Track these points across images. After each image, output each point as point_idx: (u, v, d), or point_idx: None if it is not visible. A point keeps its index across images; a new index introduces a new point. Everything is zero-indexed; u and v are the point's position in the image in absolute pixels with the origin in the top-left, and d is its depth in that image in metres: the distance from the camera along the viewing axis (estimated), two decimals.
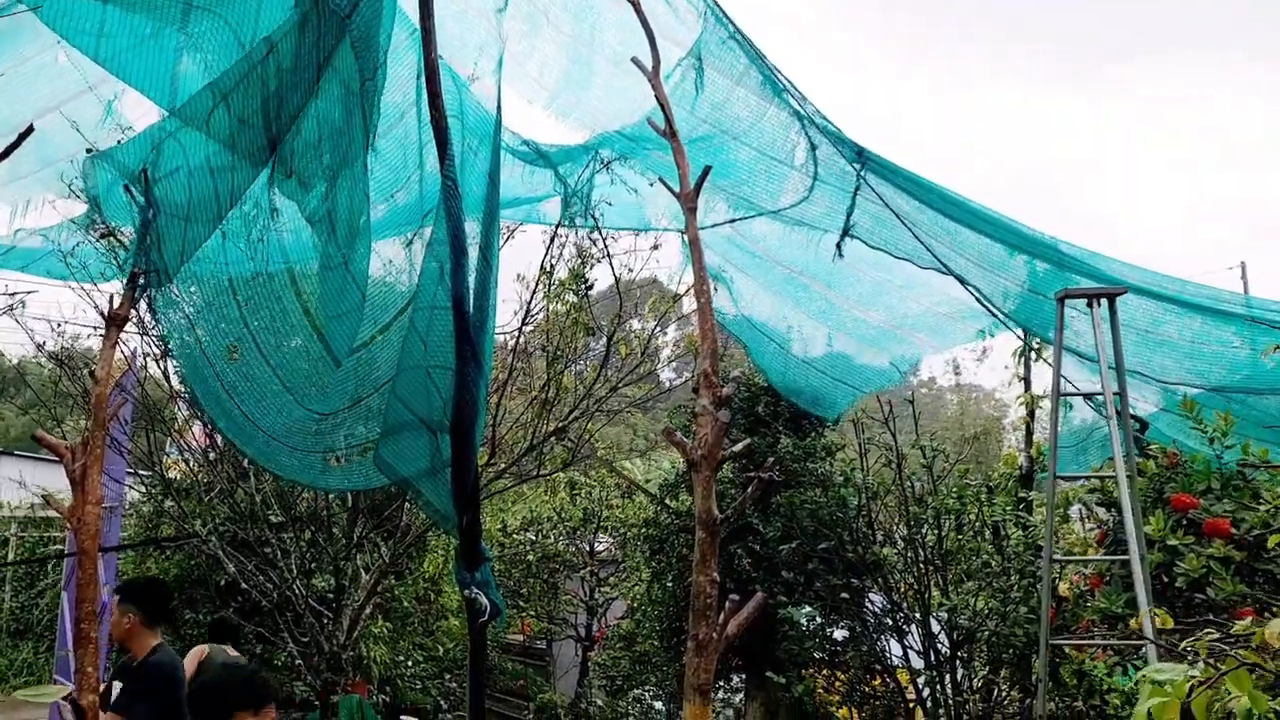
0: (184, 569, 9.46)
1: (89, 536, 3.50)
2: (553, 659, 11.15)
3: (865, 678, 6.24)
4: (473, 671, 4.72)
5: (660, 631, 7.06)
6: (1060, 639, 4.93)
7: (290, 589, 6.71)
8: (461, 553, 4.45)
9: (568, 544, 10.46)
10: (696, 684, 3.51)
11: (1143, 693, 1.58)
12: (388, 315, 4.93)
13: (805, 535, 6.00)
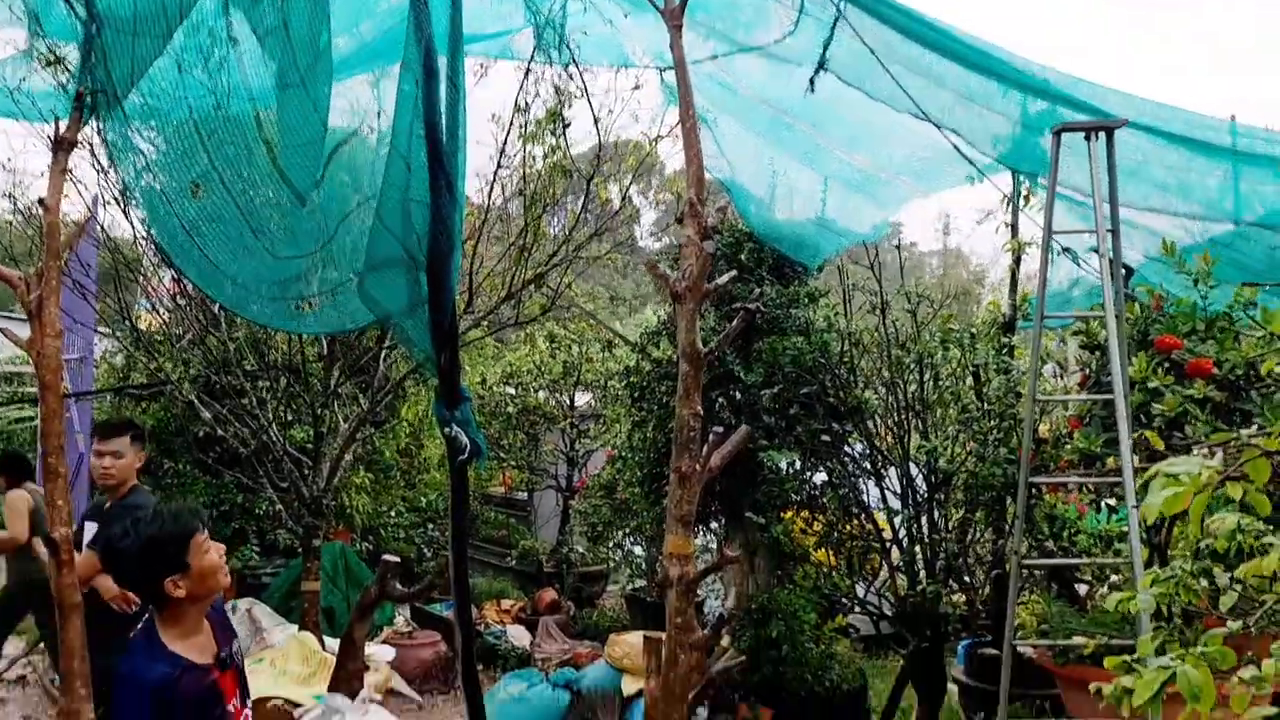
0: (161, 420, 9.39)
1: (50, 370, 3.38)
2: (534, 509, 11.32)
3: (843, 520, 6.33)
4: (454, 511, 4.72)
5: (640, 479, 7.10)
6: (1039, 478, 4.97)
7: (268, 435, 6.66)
8: (441, 391, 4.37)
9: (547, 397, 10.46)
10: (679, 515, 3.50)
11: (1155, 486, 1.51)
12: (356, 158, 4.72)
13: (787, 381, 5.97)
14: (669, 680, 3.42)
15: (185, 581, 2.65)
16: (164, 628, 2.68)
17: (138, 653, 2.64)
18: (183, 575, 2.64)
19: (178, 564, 2.64)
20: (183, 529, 2.70)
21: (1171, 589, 2.58)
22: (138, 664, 2.62)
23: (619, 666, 6.50)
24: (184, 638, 2.70)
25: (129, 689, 2.58)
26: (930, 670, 5.83)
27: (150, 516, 2.72)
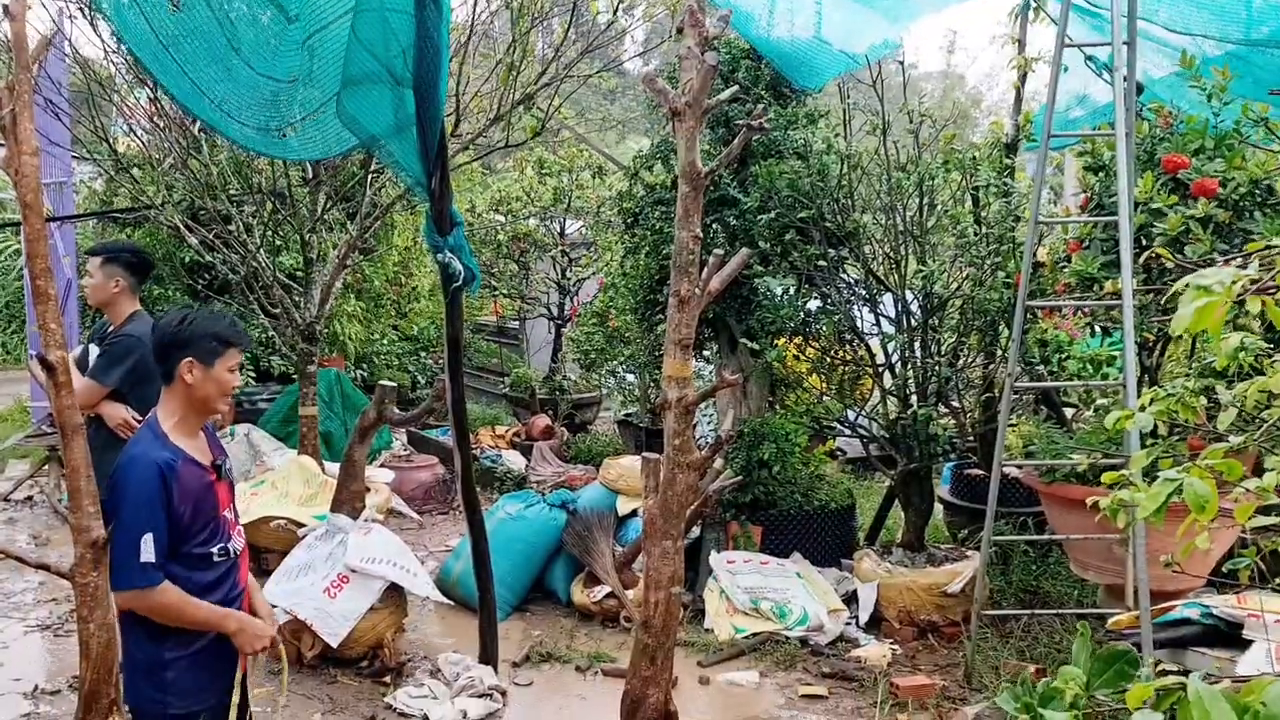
0: (146, 247, 9.27)
1: (29, 190, 3.25)
2: (525, 337, 11.36)
3: (835, 346, 6.36)
4: (449, 338, 4.70)
5: (634, 306, 7.08)
6: (1036, 301, 4.96)
7: (256, 262, 6.57)
8: (432, 216, 4.28)
9: (538, 225, 10.32)
10: (678, 339, 3.48)
11: (1185, 299, 1.48)
12: None
13: (783, 205, 5.86)
14: (667, 499, 3.48)
15: (199, 375, 2.74)
16: (166, 425, 2.77)
17: (144, 440, 2.74)
18: (203, 369, 2.74)
19: (206, 356, 2.74)
20: (230, 334, 2.81)
21: (1171, 406, 2.60)
22: (146, 447, 2.71)
23: (613, 488, 6.66)
24: (184, 437, 2.79)
25: (138, 466, 2.67)
26: (919, 489, 5.99)
27: (214, 312, 2.91)
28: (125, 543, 2.62)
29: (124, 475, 2.68)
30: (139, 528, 2.63)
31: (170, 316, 2.84)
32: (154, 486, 2.65)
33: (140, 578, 2.64)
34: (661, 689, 3.48)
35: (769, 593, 5.84)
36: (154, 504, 2.64)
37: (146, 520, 2.63)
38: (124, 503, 2.66)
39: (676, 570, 3.49)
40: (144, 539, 2.62)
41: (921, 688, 4.90)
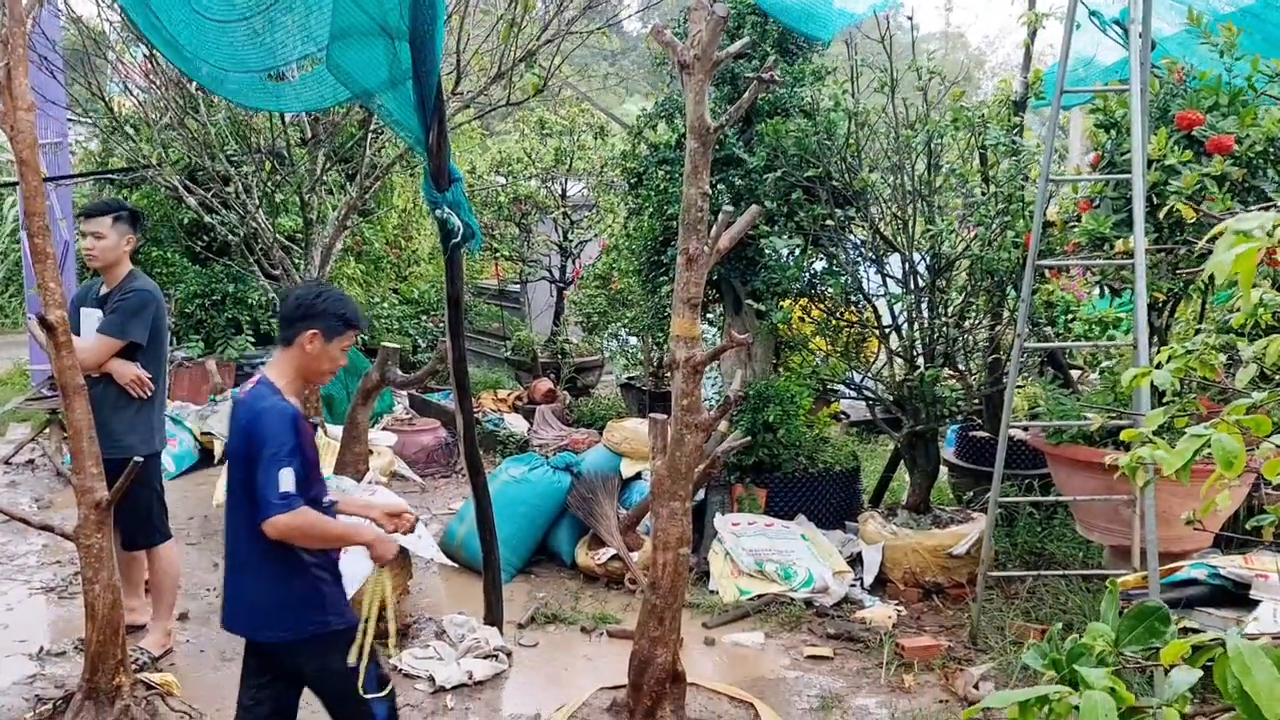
0: (146, 209, 9.18)
1: (26, 145, 3.20)
2: (527, 301, 11.30)
3: (842, 307, 6.31)
4: (450, 297, 4.65)
5: (637, 268, 7.02)
6: (1046, 261, 4.90)
7: (255, 222, 6.50)
8: (430, 172, 4.21)
9: (539, 187, 10.22)
10: (686, 297, 3.43)
11: (1221, 246, 1.43)
12: None
13: (790, 164, 5.78)
14: (675, 460, 3.45)
15: (318, 347, 3.04)
16: (279, 383, 3.04)
17: (268, 395, 2.99)
18: (322, 342, 3.04)
19: (330, 331, 3.05)
20: (353, 317, 3.14)
21: (1190, 363, 2.55)
22: (276, 400, 2.98)
23: (617, 451, 6.64)
24: (292, 396, 3.06)
25: (275, 413, 2.94)
26: (924, 451, 5.96)
27: (344, 295, 3.22)
28: (268, 479, 2.87)
29: (263, 420, 2.93)
30: (278, 464, 2.88)
31: (306, 288, 3.27)
32: (291, 429, 2.93)
33: (284, 506, 2.88)
34: (669, 649, 3.47)
35: (774, 555, 5.84)
36: (292, 445, 2.92)
37: (286, 458, 2.89)
38: (265, 443, 2.90)
39: (684, 531, 3.47)
40: (282, 473, 2.87)
41: (927, 649, 4.91)
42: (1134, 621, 1.31)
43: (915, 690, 4.62)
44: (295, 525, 2.91)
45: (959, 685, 4.57)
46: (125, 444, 4.35)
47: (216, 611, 5.37)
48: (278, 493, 2.86)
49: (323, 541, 3.08)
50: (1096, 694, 1.11)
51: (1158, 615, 1.30)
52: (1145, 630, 1.28)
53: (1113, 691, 1.12)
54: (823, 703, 4.50)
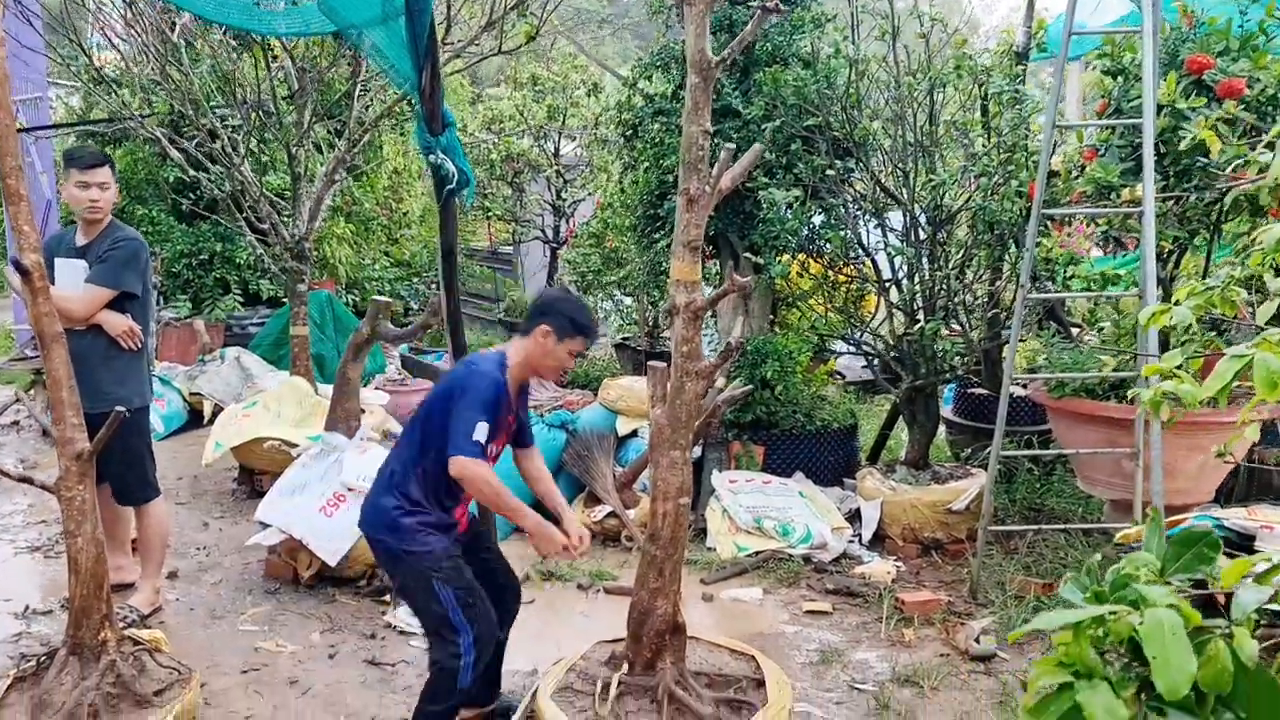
0: (129, 166, 9.00)
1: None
2: (520, 261, 11.16)
3: (841, 261, 6.21)
4: (444, 251, 4.52)
5: (632, 224, 6.89)
6: (1052, 210, 4.80)
7: (241, 175, 6.34)
8: (424, 116, 4.07)
9: (531, 145, 10.05)
10: (686, 240, 3.32)
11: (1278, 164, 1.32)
12: None
13: (789, 114, 5.65)
14: (675, 408, 3.35)
15: (550, 342, 3.33)
16: (511, 361, 3.34)
17: (493, 361, 3.30)
18: (554, 340, 3.32)
19: (561, 331, 3.33)
20: (585, 325, 3.42)
21: (1211, 300, 2.46)
22: (493, 368, 3.27)
23: (613, 408, 6.55)
24: (513, 380, 3.35)
25: (488, 378, 3.22)
26: (924, 407, 5.89)
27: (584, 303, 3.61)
28: (465, 425, 3.10)
29: (474, 379, 3.21)
30: (477, 416, 3.11)
31: (555, 290, 3.59)
32: (493, 395, 3.19)
33: (472, 449, 3.09)
34: (670, 601, 3.39)
35: (772, 511, 5.77)
36: (490, 405, 3.17)
37: (484, 413, 3.13)
38: (471, 394, 3.16)
39: (685, 481, 3.38)
40: (479, 424, 3.10)
41: (927, 603, 4.85)
42: (1181, 548, 1.23)
43: (915, 644, 4.57)
44: (478, 473, 3.10)
45: (960, 639, 4.52)
46: (117, 396, 4.24)
47: (207, 570, 5.32)
48: (470, 439, 3.07)
49: (494, 500, 3.23)
50: (1161, 611, 1.03)
51: (1207, 541, 1.21)
52: (1194, 557, 1.20)
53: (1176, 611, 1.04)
54: (822, 656, 4.45)
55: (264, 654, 4.38)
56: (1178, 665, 0.99)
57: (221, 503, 6.36)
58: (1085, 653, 1.05)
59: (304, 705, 3.97)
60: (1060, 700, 1.04)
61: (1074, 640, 1.07)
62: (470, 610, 3.28)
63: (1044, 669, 1.13)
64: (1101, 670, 1.05)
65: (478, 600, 3.32)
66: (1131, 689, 1.06)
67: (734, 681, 3.52)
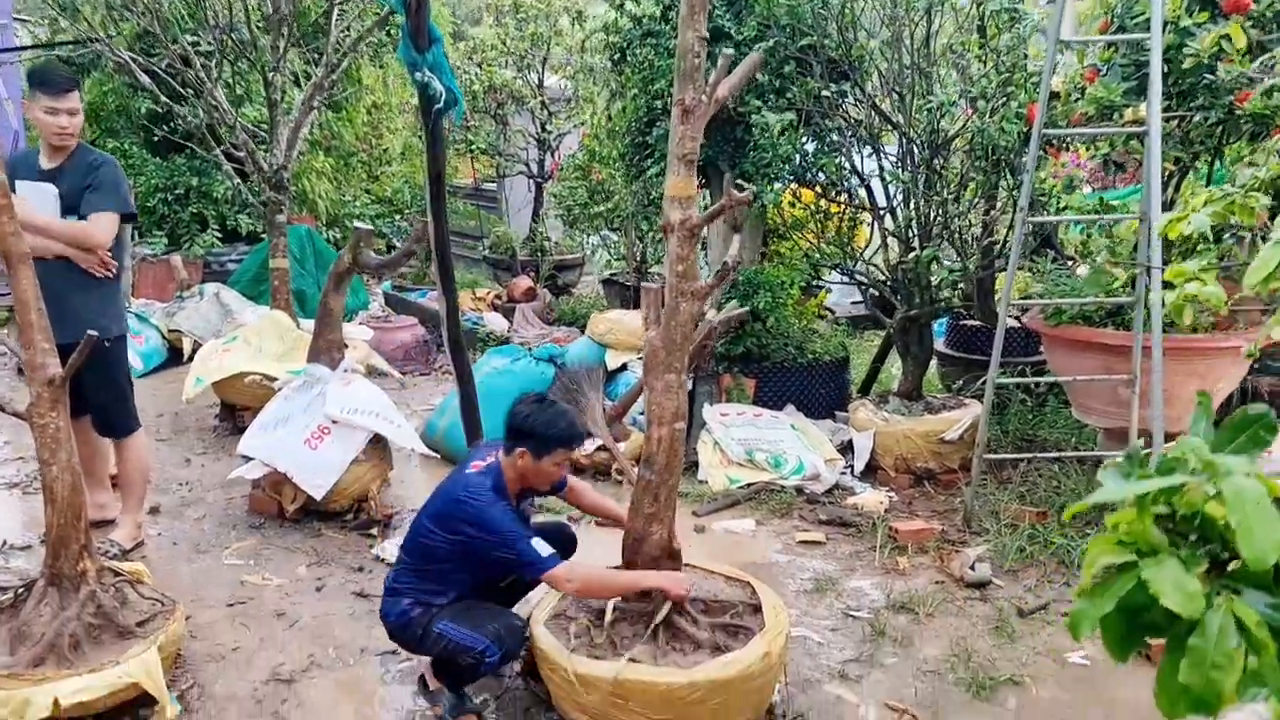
0: (99, 96, 8.72)
1: None
2: (504, 197, 10.95)
3: (835, 188, 6.08)
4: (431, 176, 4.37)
5: (621, 151, 6.72)
6: (1054, 130, 4.68)
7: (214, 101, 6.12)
8: (409, 31, 3.89)
9: (515, 76, 9.79)
10: (681, 154, 3.19)
11: None
12: None
13: (782, 34, 5.47)
14: (669, 330, 3.25)
15: (529, 462, 3.25)
16: (505, 479, 3.28)
17: (489, 491, 3.21)
18: (532, 459, 3.24)
19: (542, 452, 3.24)
20: (568, 439, 3.31)
21: (1228, 207, 2.37)
22: (493, 497, 3.20)
23: (602, 342, 6.45)
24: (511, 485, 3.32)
25: (493, 508, 3.16)
26: (918, 337, 5.80)
27: (561, 410, 3.35)
28: (528, 553, 3.12)
29: (488, 513, 3.17)
30: (525, 538, 3.13)
31: (522, 404, 3.31)
32: (512, 516, 3.21)
33: (555, 560, 3.12)
34: (665, 526, 3.31)
35: (763, 444, 5.71)
36: (518, 523, 3.21)
37: (526, 535, 3.16)
38: (499, 531, 3.14)
39: (680, 405, 3.29)
40: (534, 541, 3.13)
41: (920, 532, 4.82)
42: (1234, 432, 1.14)
43: (910, 572, 4.53)
44: (577, 574, 3.16)
45: (954, 566, 4.48)
46: (95, 325, 4.11)
47: (190, 505, 5.22)
48: (541, 557, 3.09)
49: (610, 590, 3.30)
50: (1241, 479, 0.94)
51: (1262, 422, 1.12)
52: (1248, 439, 1.11)
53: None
54: (816, 585, 4.41)
55: (250, 587, 4.31)
56: (1263, 534, 0.91)
57: (203, 439, 6.25)
58: (1149, 530, 0.96)
59: (291, 637, 3.90)
60: (1122, 581, 0.95)
61: (1137, 516, 0.98)
62: (479, 626, 3.21)
63: (1102, 548, 1.05)
64: (1167, 547, 0.97)
65: (483, 613, 3.27)
66: (1201, 566, 0.98)
67: (730, 607, 3.47)
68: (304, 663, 3.72)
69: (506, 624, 3.23)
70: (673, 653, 3.23)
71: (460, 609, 3.26)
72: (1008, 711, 3.45)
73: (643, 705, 3.03)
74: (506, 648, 3.21)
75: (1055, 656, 3.80)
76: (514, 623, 3.26)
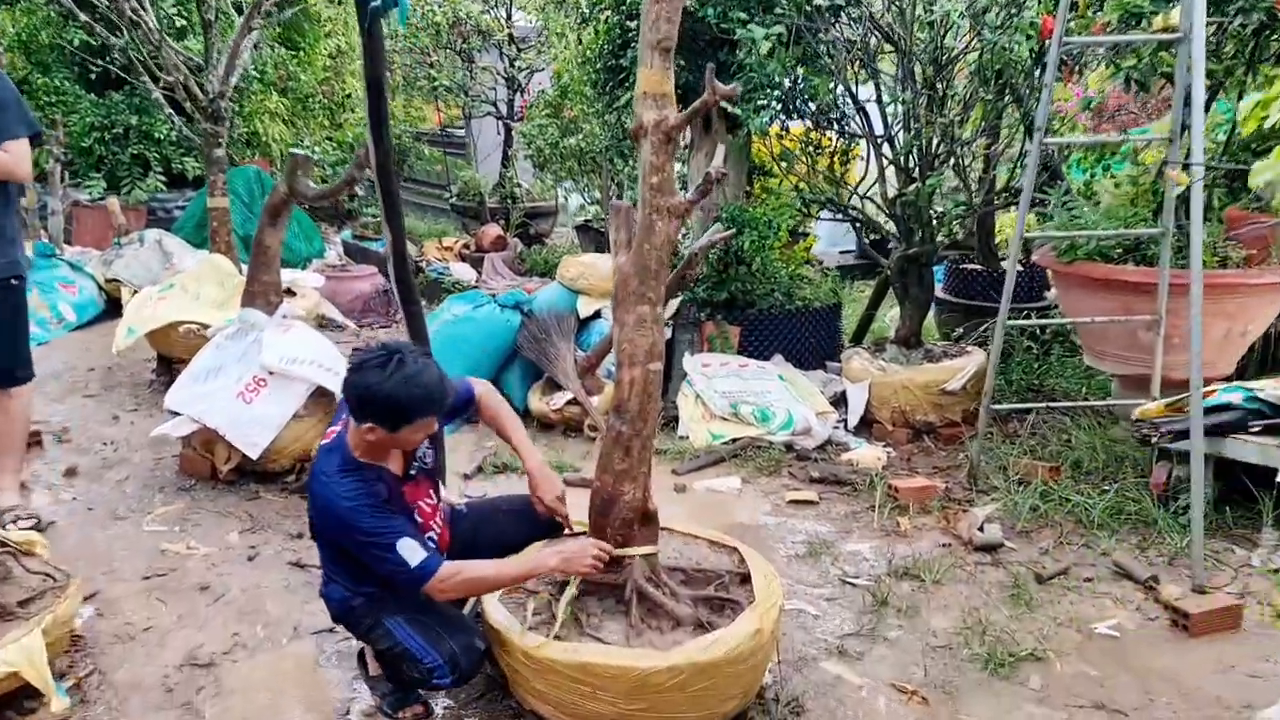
0: (28, 28, 8.05)
1: None
2: (472, 141, 10.35)
3: (826, 120, 5.56)
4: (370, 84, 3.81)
5: (592, 78, 6.17)
6: (1075, 39, 4.18)
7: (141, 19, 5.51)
8: None
9: (482, 10, 9.16)
10: (656, 40, 2.67)
11: None
12: None
13: None
14: (643, 253, 2.75)
15: (381, 435, 2.60)
16: (354, 452, 2.67)
17: (336, 471, 2.64)
18: (386, 433, 2.60)
19: (394, 424, 2.58)
20: (424, 407, 2.59)
21: None
22: (342, 481, 2.62)
23: (573, 288, 5.94)
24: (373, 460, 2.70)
25: (343, 494, 2.61)
26: (918, 278, 5.33)
27: (415, 371, 2.57)
28: (391, 562, 2.60)
29: (336, 504, 2.63)
30: (387, 540, 2.59)
31: (370, 370, 2.56)
32: (368, 502, 2.62)
33: (421, 572, 2.59)
34: (639, 485, 2.84)
35: (749, 396, 5.24)
36: (378, 513, 2.63)
37: (388, 532, 2.60)
38: (355, 524, 2.61)
39: (655, 343, 2.79)
40: (397, 546, 2.58)
41: (923, 490, 4.37)
42: None
43: (912, 534, 4.09)
44: (452, 584, 2.63)
45: (962, 528, 4.04)
46: None
47: (112, 466, 4.71)
48: (410, 566, 2.56)
49: (491, 587, 2.78)
50: None
51: None
52: None
53: None
54: (810, 549, 3.96)
55: (171, 557, 3.82)
56: None
57: (137, 394, 5.72)
58: None
59: (214, 613, 3.43)
60: None
61: None
62: (435, 640, 2.72)
63: None
64: None
65: (442, 623, 2.76)
66: None
67: (714, 577, 3.00)
68: (227, 643, 3.25)
69: (465, 644, 2.71)
70: (649, 631, 2.77)
71: (417, 609, 2.74)
72: (1030, 691, 3.02)
73: (613, 693, 2.57)
74: (461, 672, 2.70)
75: (1080, 627, 3.37)
76: (474, 643, 2.72)
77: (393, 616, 2.76)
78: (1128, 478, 4.37)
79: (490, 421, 3.15)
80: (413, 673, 2.74)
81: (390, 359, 2.57)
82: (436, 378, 2.62)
